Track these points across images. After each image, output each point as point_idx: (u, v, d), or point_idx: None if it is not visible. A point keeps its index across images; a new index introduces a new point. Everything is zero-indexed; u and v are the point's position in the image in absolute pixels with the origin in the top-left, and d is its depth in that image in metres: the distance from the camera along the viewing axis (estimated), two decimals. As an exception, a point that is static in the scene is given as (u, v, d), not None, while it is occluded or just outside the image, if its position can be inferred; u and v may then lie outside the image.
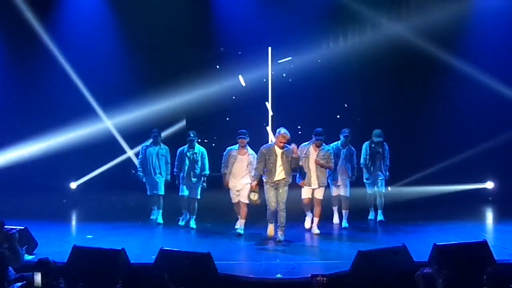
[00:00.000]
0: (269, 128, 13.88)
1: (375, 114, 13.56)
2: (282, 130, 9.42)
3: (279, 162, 9.43)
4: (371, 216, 11.21)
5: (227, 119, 14.26)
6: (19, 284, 6.21)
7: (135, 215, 11.31)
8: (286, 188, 9.51)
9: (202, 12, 13.85)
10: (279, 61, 13.87)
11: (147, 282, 5.41)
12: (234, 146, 10.13)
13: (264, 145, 9.71)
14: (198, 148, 10.53)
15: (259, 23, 13.51)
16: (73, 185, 13.79)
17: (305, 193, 10.14)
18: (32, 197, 12.61)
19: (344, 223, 10.61)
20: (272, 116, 13.93)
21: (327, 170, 10.12)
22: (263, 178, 9.56)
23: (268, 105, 13.96)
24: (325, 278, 5.73)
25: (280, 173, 9.43)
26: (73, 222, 12.11)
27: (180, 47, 14.01)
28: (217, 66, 14.22)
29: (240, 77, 13.83)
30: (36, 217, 10.99)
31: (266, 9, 13.64)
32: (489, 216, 12.36)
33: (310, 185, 10.01)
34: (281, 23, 13.47)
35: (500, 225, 11.04)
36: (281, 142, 9.40)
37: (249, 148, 10.09)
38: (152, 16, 13.55)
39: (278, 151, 9.46)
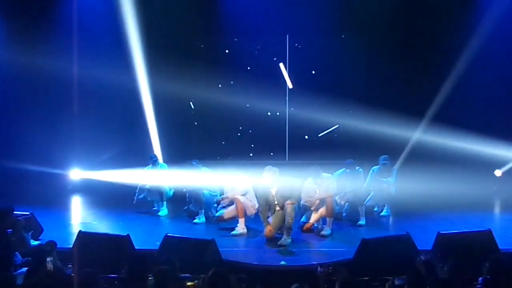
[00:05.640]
0: None
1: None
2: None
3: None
4: (377, 208, 10.64)
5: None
6: (26, 268, 6.26)
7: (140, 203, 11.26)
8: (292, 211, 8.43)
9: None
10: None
11: (154, 267, 5.49)
12: None
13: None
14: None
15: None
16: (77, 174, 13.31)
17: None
18: (36, 184, 12.60)
19: (362, 220, 9.80)
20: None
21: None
22: None
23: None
24: (330, 268, 5.78)
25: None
26: (78, 209, 12.18)
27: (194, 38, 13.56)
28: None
29: (281, 65, 13.30)
30: (41, 203, 11.01)
31: None
32: (495, 205, 12.32)
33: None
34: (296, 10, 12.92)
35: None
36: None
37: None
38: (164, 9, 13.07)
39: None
